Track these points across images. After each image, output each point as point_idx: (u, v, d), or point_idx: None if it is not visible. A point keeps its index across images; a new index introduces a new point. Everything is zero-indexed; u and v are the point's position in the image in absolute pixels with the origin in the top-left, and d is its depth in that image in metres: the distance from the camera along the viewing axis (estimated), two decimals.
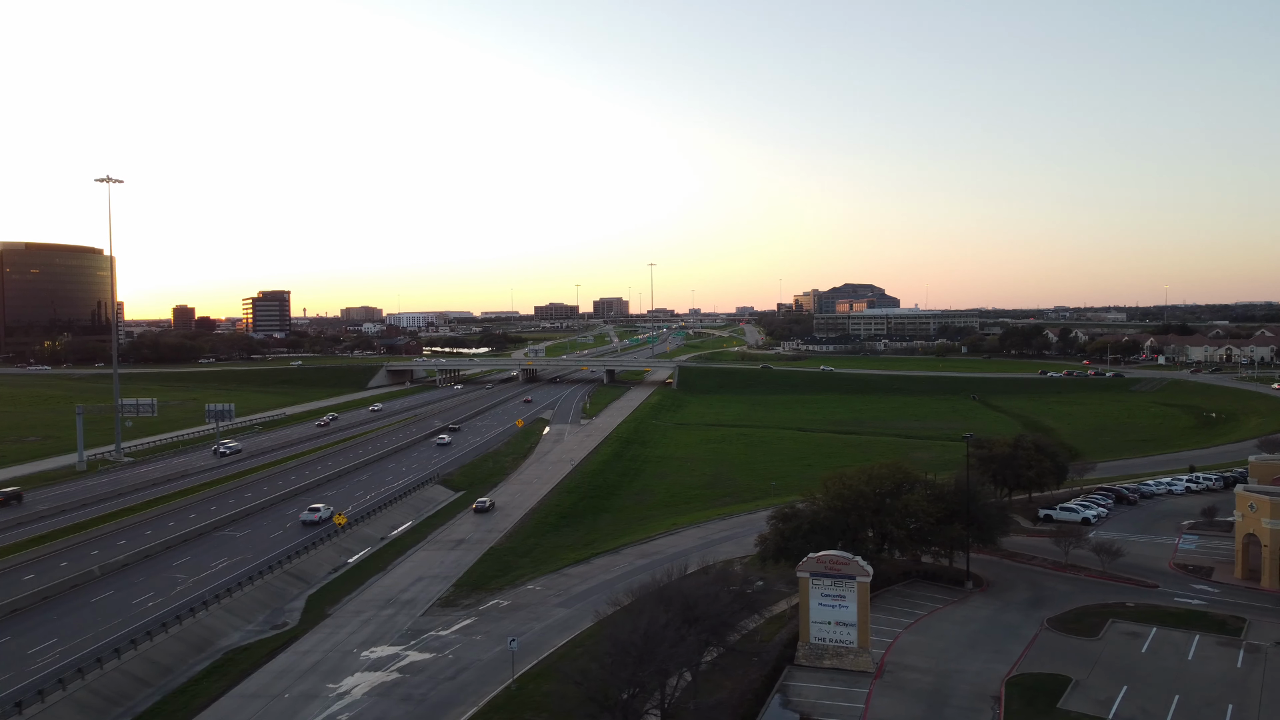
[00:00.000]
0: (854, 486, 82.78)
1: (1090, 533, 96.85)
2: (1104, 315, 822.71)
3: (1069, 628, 71.34)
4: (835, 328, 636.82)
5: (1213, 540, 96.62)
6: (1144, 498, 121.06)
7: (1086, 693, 58.98)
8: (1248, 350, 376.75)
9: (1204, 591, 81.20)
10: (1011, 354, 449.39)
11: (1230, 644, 67.69)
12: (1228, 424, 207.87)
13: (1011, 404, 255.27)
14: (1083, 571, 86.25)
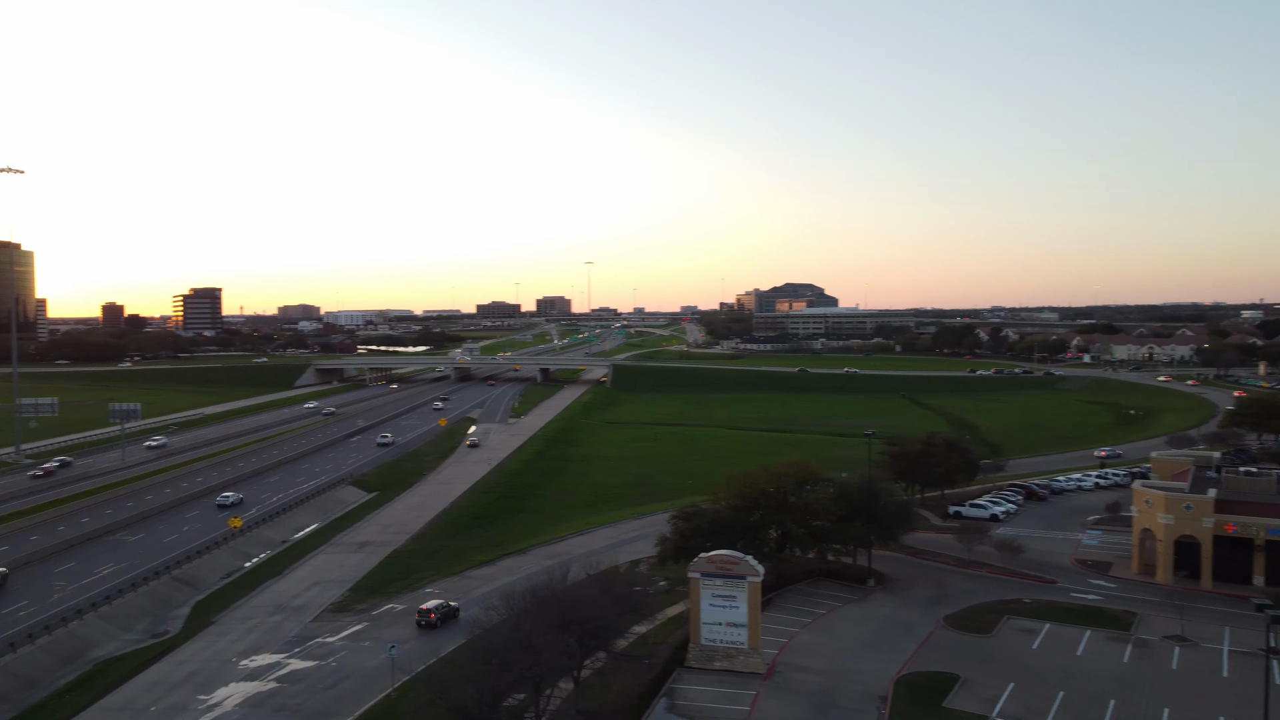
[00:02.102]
0: (757, 485, 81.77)
1: (997, 529, 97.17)
2: (1038, 315, 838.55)
3: (964, 625, 71.07)
4: (775, 327, 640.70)
5: (1114, 535, 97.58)
6: (1055, 494, 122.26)
7: (973, 691, 58.50)
8: (1169, 349, 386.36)
9: (1100, 587, 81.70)
10: (944, 353, 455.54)
11: (1120, 639, 67.95)
12: (1146, 421, 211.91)
13: (941, 402, 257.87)
14: (985, 568, 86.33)
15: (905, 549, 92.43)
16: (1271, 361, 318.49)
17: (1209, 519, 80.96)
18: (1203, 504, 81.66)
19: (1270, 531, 79.99)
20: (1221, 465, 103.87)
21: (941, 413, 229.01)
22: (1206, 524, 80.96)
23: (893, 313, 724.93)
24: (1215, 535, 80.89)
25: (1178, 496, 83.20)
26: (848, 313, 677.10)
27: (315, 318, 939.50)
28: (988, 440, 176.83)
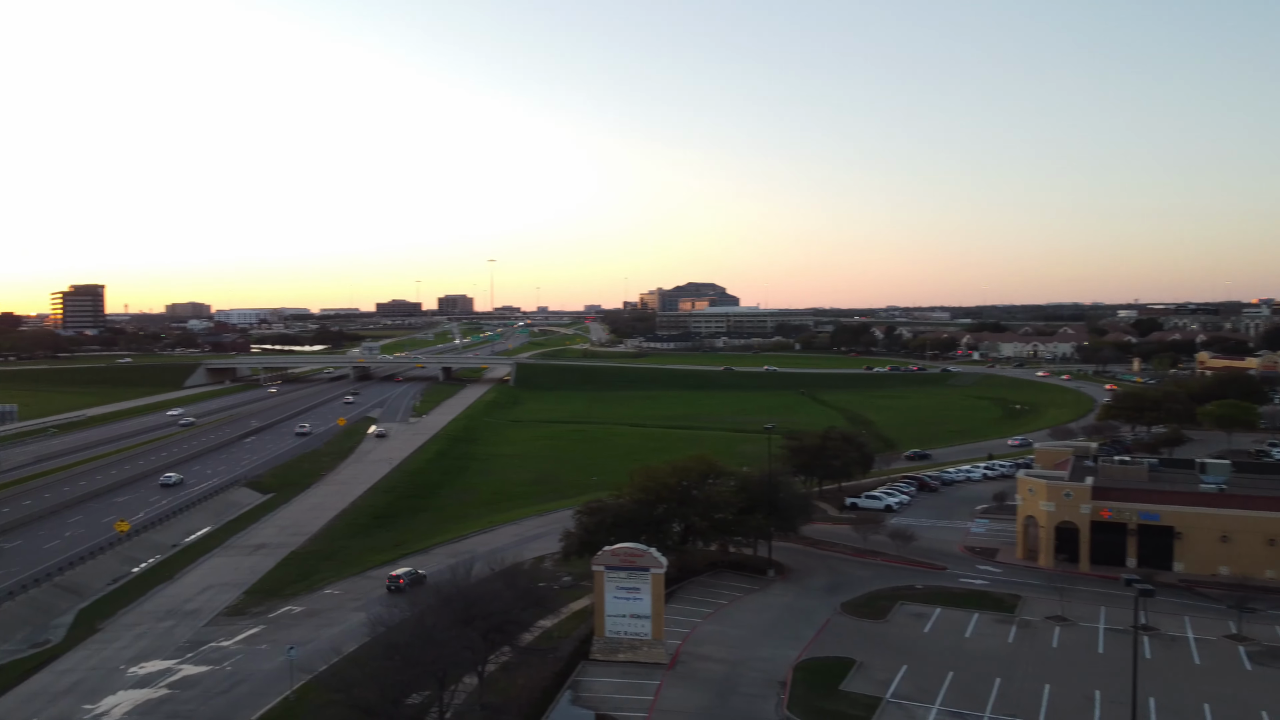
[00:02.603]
0: (661, 479, 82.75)
1: (891, 519, 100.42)
2: (930, 314, 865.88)
3: (860, 611, 73.35)
4: (678, 325, 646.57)
5: (1000, 523, 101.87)
6: (946, 485, 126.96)
7: (869, 673, 60.47)
8: (1052, 347, 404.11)
9: (988, 572, 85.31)
10: (842, 351, 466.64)
11: (1005, 621, 71.10)
12: (1031, 415, 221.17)
13: (838, 398, 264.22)
14: (880, 557, 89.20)
15: (804, 540, 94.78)
16: (1145, 358, 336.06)
17: (1086, 505, 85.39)
18: (1081, 491, 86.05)
19: (1142, 516, 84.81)
20: (1098, 455, 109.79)
21: (839, 408, 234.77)
22: (1084, 510, 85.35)
23: (792, 312, 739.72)
24: (1092, 521, 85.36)
25: (1058, 485, 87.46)
26: (749, 312, 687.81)
27: (205, 316, 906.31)
28: (881, 434, 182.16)
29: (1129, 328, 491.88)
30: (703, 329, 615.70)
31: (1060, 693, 57.26)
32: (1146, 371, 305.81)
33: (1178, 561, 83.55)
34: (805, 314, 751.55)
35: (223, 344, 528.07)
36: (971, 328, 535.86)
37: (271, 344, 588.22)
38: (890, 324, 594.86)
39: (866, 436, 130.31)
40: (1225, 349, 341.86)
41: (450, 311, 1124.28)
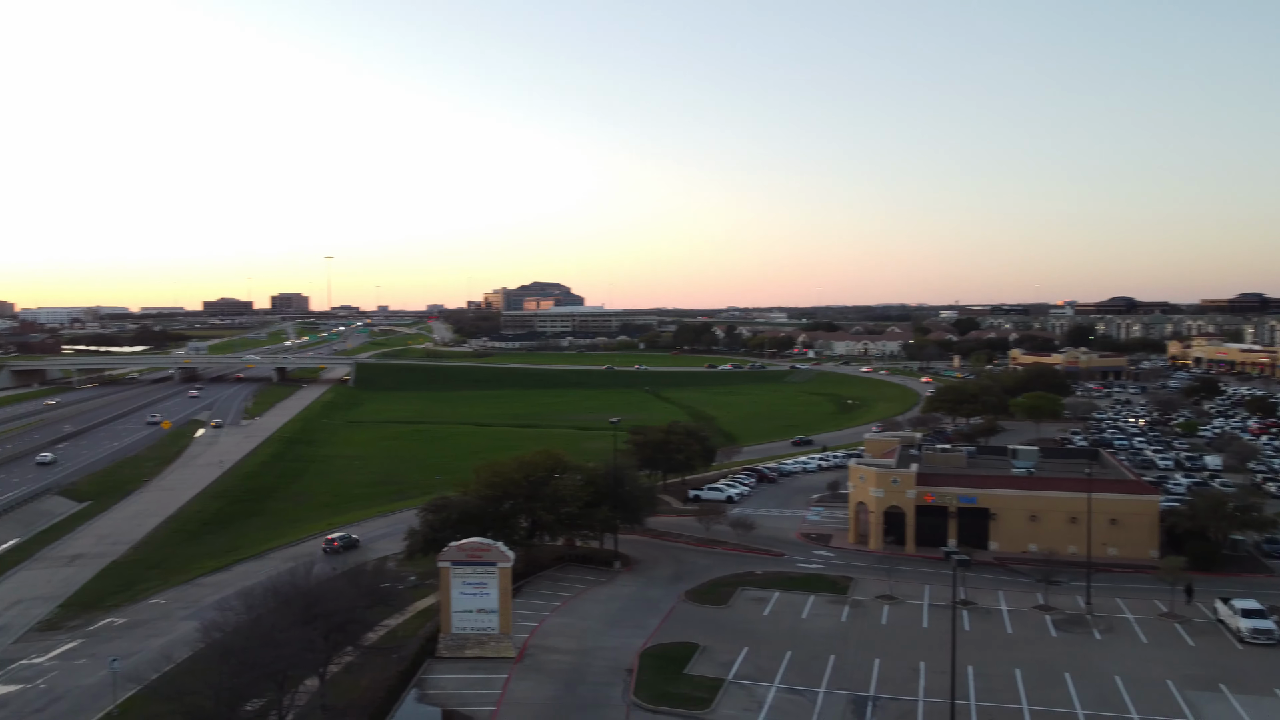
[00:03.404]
0: (506, 474, 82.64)
1: (732, 510, 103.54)
2: (768, 314, 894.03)
3: (703, 598, 75.37)
4: (523, 325, 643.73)
5: (834, 511, 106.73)
6: (783, 476, 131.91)
7: (712, 657, 62.27)
8: (881, 345, 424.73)
9: (823, 556, 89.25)
10: (685, 349, 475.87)
11: (839, 601, 74.62)
12: (862, 409, 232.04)
13: (681, 395, 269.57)
14: (722, 546, 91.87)
15: (649, 531, 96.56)
16: (964, 355, 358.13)
17: (912, 491, 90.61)
18: (907, 478, 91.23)
19: (961, 499, 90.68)
20: (922, 444, 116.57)
21: (682, 405, 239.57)
22: (910, 495, 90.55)
23: (637, 312, 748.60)
24: (917, 505, 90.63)
25: (886, 472, 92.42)
26: (594, 311, 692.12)
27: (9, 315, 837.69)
28: (722, 430, 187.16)
29: (950, 327, 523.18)
30: (548, 328, 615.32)
31: (889, 665, 60.65)
32: (966, 367, 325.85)
33: (993, 541, 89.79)
34: (649, 314, 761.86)
35: (29, 345, 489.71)
36: (807, 327, 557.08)
37: (86, 344, 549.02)
38: (731, 324, 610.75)
39: (709, 431, 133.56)
40: (1034, 346, 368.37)
41: (285, 311, 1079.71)
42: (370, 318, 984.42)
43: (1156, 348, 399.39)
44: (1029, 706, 54.29)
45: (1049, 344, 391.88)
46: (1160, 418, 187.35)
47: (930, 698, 55.19)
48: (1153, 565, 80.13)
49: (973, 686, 56.89)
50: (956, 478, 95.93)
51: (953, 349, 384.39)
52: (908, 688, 57.08)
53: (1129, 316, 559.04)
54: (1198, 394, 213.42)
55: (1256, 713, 53.32)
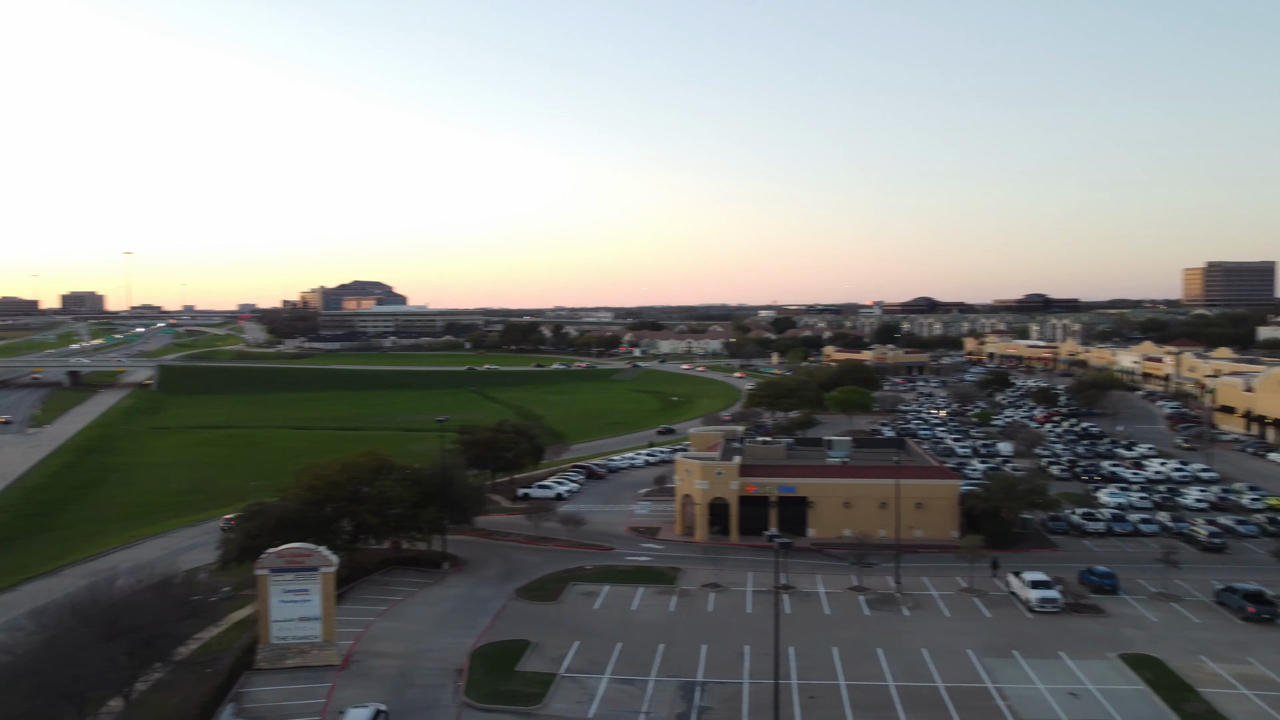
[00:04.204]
0: (328, 477, 79.92)
1: (562, 507, 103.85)
2: (595, 314, 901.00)
3: (534, 595, 75.34)
4: (343, 325, 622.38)
5: (662, 504, 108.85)
6: (612, 472, 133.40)
7: (543, 653, 62.36)
8: (704, 343, 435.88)
9: (651, 549, 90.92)
10: (512, 349, 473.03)
11: (667, 592, 76.25)
12: (687, 406, 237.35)
13: (509, 395, 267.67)
14: (552, 543, 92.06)
15: (479, 531, 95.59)
16: (782, 352, 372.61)
17: (735, 482, 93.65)
18: (730, 470, 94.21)
19: (781, 489, 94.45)
20: (744, 438, 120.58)
21: (510, 405, 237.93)
22: (734, 486, 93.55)
23: (462, 311, 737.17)
24: (740, 496, 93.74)
25: (711, 465, 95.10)
26: (417, 311, 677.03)
27: None
28: (550, 428, 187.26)
29: (769, 326, 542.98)
30: (370, 328, 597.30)
31: (716, 651, 62.51)
32: (784, 364, 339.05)
33: (811, 527, 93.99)
34: (475, 314, 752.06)
35: None
36: (633, 326, 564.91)
37: None
38: (558, 323, 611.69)
39: (538, 429, 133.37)
40: (846, 344, 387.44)
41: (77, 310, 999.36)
42: (175, 318, 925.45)
43: (955, 344, 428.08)
44: (845, 682, 57.25)
45: (859, 341, 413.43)
46: (959, 409, 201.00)
47: (755, 679, 57.32)
48: (954, 545, 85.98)
49: (794, 666, 59.46)
50: (777, 469, 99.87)
51: (771, 347, 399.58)
52: (734, 671, 59.05)
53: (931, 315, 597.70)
54: (991, 387, 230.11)
55: (1044, 674, 58.29)
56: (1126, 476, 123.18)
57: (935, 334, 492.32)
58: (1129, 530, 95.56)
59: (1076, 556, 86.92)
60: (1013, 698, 54.69)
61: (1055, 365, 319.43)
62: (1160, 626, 67.44)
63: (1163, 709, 53.04)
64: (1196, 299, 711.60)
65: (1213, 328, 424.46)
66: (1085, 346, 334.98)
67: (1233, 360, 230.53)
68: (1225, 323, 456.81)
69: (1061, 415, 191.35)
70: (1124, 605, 72.16)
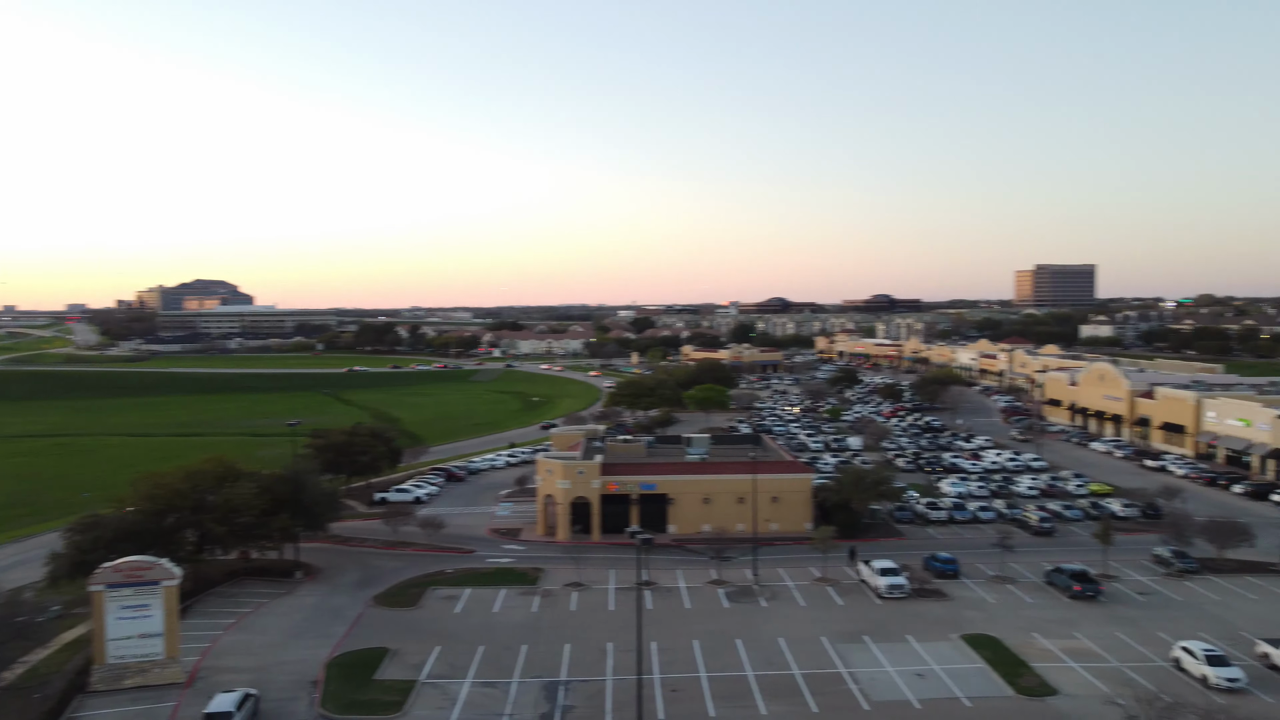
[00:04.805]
0: (170, 486, 75.84)
1: (421, 510, 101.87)
2: (454, 314, 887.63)
3: (392, 602, 73.61)
4: (185, 326, 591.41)
5: (523, 505, 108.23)
6: (472, 474, 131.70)
7: (403, 660, 61.03)
8: (564, 343, 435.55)
9: (513, 550, 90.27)
10: (367, 350, 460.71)
11: (530, 593, 75.89)
12: (548, 406, 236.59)
13: (364, 397, 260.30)
14: (411, 547, 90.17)
15: (334, 538, 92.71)
16: (642, 352, 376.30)
17: (597, 481, 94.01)
18: (591, 469, 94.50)
19: (642, 487, 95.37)
20: (605, 437, 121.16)
21: (366, 407, 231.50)
22: (595, 485, 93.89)
23: (313, 312, 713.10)
24: (602, 494, 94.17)
25: (572, 464, 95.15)
26: (265, 311, 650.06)
27: None
28: (408, 431, 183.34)
29: (629, 326, 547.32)
30: (213, 329, 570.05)
31: (579, 649, 62.64)
32: (643, 363, 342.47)
33: (671, 524, 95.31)
34: (327, 314, 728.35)
35: None
36: (493, 326, 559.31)
37: None
38: (415, 323, 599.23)
39: (395, 432, 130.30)
40: (704, 343, 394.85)
41: None
42: None
43: (807, 343, 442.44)
44: (706, 674, 58.37)
45: (716, 341, 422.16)
46: (811, 405, 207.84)
47: (618, 675, 57.76)
48: (808, 536, 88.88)
49: (657, 661, 60.20)
50: (638, 466, 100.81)
51: (631, 346, 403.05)
52: (597, 668, 59.31)
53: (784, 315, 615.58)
54: (841, 384, 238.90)
55: (892, 656, 61.00)
56: (966, 467, 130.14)
57: (788, 333, 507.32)
58: (968, 518, 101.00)
59: (921, 544, 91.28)
60: (864, 681, 57.01)
61: (900, 362, 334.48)
62: (997, 607, 71.59)
63: (1000, 684, 56.36)
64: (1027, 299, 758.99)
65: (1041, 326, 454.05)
66: (927, 345, 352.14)
67: (1059, 356, 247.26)
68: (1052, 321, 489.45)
69: (906, 410, 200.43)
70: (965, 589, 76.25)
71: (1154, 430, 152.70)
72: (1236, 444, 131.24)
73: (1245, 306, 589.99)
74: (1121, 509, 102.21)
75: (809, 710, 53.03)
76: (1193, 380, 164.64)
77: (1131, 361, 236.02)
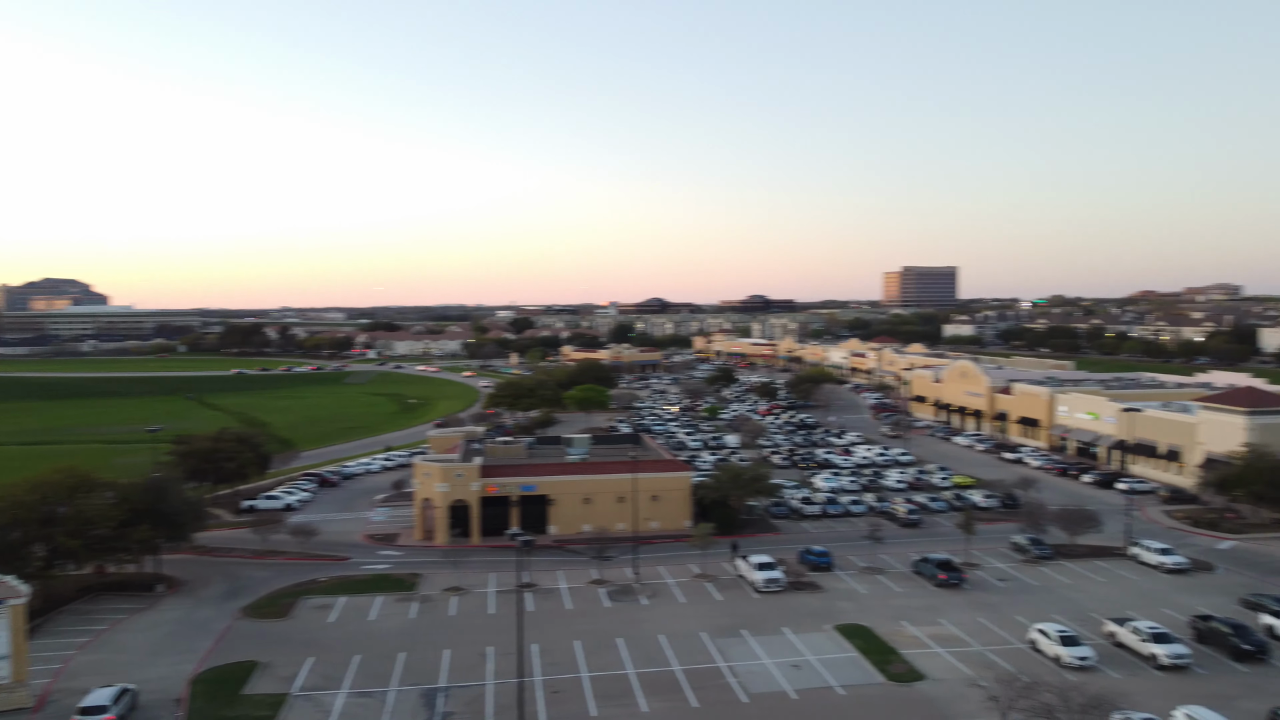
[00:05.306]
0: (15, 498, 71.11)
1: (292, 517, 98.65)
2: (325, 315, 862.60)
3: (262, 613, 70.96)
4: (31, 328, 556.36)
5: (401, 510, 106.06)
6: (346, 478, 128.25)
7: (273, 673, 58.93)
8: (441, 344, 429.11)
9: (389, 556, 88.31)
10: (234, 352, 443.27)
11: (407, 599, 74.41)
12: (425, 408, 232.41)
13: (231, 401, 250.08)
14: (282, 556, 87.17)
15: (199, 549, 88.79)
16: (521, 352, 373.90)
17: (476, 483, 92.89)
18: (470, 471, 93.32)
19: (522, 489, 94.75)
20: (485, 438, 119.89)
21: (232, 412, 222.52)
22: (474, 488, 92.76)
23: (175, 312, 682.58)
24: (482, 497, 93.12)
25: (451, 467, 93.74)
26: (122, 312, 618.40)
27: None
28: (278, 435, 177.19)
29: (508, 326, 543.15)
30: (64, 331, 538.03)
31: (459, 655, 61.77)
32: (523, 364, 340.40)
33: (552, 525, 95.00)
34: (190, 314, 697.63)
35: None
36: (367, 327, 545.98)
37: None
38: (284, 324, 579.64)
39: (263, 437, 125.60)
40: (583, 343, 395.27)
41: None
42: None
43: (685, 343, 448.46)
44: (588, 674, 58.41)
45: (596, 341, 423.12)
46: (690, 404, 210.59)
47: (499, 679, 57.19)
48: (687, 534, 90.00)
49: (538, 663, 59.90)
50: (517, 468, 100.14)
51: (510, 347, 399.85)
52: (477, 673, 58.63)
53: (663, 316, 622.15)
54: (718, 383, 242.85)
55: (769, 649, 62.38)
56: (838, 462, 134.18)
57: (667, 333, 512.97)
58: (841, 511, 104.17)
59: (796, 538, 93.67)
60: (742, 674, 58.10)
61: (775, 362, 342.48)
62: (868, 597, 74.08)
63: (871, 672, 58.34)
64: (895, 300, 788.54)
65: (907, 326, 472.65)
66: (801, 344, 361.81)
67: (924, 355, 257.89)
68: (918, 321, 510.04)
69: (781, 408, 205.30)
70: (838, 580, 78.61)
71: (1012, 424, 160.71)
72: (1086, 436, 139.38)
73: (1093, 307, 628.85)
74: (983, 500, 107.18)
75: (689, 705, 53.71)
76: (1046, 377, 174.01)
77: (991, 359, 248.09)
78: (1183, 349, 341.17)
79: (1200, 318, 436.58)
